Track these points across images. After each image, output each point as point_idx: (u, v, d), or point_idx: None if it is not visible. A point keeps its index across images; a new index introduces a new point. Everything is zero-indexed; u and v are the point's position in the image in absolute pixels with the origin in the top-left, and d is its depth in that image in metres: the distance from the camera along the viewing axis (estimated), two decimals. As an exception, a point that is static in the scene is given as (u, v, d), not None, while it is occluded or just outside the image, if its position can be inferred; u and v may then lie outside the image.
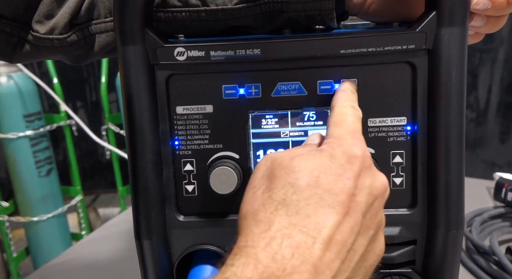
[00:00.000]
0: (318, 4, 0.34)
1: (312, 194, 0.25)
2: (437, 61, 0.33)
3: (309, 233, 0.24)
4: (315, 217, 0.25)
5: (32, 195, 1.65)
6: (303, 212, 0.25)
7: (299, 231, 0.24)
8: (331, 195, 0.25)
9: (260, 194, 0.27)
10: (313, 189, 0.26)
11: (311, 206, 0.25)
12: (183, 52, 0.34)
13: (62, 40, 0.38)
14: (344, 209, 0.25)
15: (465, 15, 0.32)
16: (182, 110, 0.36)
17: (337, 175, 0.26)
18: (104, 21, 0.39)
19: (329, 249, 0.24)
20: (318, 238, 0.24)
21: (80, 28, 0.38)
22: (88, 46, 0.39)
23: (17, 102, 1.55)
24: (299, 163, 0.27)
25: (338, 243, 0.24)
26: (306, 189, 0.26)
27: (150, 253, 0.36)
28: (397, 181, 0.36)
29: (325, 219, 0.25)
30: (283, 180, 0.26)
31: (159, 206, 0.36)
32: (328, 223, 0.24)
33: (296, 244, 0.24)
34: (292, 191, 0.26)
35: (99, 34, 0.39)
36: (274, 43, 0.34)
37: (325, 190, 0.26)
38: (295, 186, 0.26)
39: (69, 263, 0.75)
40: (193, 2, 0.35)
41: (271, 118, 0.36)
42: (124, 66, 0.34)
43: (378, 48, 0.33)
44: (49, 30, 0.38)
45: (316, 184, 0.26)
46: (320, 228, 0.24)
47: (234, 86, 0.35)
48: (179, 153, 0.37)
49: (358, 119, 0.31)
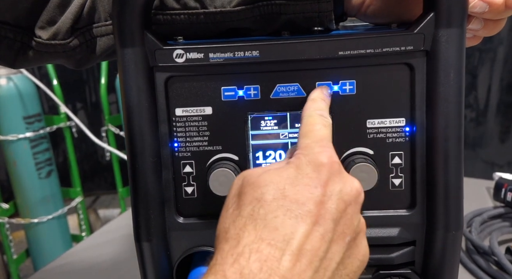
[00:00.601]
0: (317, 6, 0.34)
1: (279, 206, 0.25)
2: (435, 63, 0.33)
3: (277, 245, 0.24)
4: (283, 228, 0.24)
5: (32, 197, 1.65)
6: (271, 225, 0.25)
7: (267, 245, 0.24)
8: (298, 205, 0.25)
9: (231, 212, 0.27)
10: (279, 201, 0.25)
11: (279, 218, 0.25)
12: (182, 54, 0.34)
13: (65, 45, 0.38)
14: (312, 218, 0.25)
15: (463, 17, 0.32)
16: (181, 112, 0.36)
17: (304, 185, 0.26)
18: (105, 24, 0.39)
19: (299, 259, 0.24)
20: (286, 249, 0.24)
21: (82, 32, 0.39)
22: (90, 49, 0.40)
23: (17, 104, 1.55)
24: (264, 178, 0.27)
25: (308, 253, 0.24)
26: (272, 202, 0.25)
27: (150, 255, 0.37)
28: (396, 182, 0.36)
29: (293, 230, 0.24)
30: (250, 195, 0.26)
31: (159, 208, 0.36)
32: (296, 234, 0.24)
33: (264, 257, 0.23)
34: (259, 206, 0.26)
35: (100, 38, 0.39)
36: (272, 45, 0.34)
37: (292, 201, 0.25)
38: (261, 200, 0.26)
39: (69, 265, 0.75)
40: (192, 4, 0.36)
41: (270, 120, 0.36)
42: (123, 68, 0.34)
43: (376, 50, 0.33)
44: (51, 35, 0.38)
45: (282, 196, 0.26)
46: (288, 240, 0.24)
47: (233, 88, 0.35)
48: (179, 155, 0.37)
49: (325, 126, 0.30)
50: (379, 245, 0.37)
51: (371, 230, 0.37)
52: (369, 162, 0.34)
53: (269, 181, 0.27)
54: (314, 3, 0.34)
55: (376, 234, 0.36)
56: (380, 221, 0.37)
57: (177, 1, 0.36)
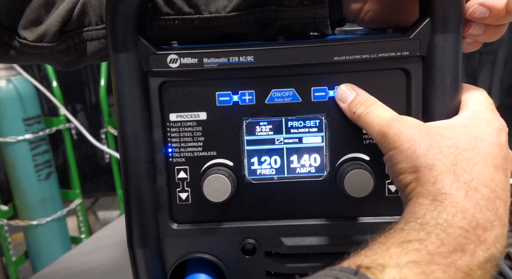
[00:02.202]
0: (312, 12, 0.34)
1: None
2: (432, 68, 0.33)
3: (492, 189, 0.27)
4: (487, 174, 0.27)
5: (31, 199, 1.65)
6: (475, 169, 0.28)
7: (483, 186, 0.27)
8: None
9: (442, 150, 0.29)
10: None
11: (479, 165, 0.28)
12: (176, 60, 0.34)
13: (52, 48, 0.38)
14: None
15: (459, 22, 0.32)
16: (176, 117, 0.36)
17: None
18: (96, 28, 0.38)
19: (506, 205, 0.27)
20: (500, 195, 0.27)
21: (70, 35, 0.38)
22: (79, 52, 0.39)
23: (16, 106, 1.55)
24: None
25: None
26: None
27: (144, 261, 0.36)
28: (392, 189, 0.36)
29: (496, 177, 0.28)
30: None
31: (153, 214, 0.36)
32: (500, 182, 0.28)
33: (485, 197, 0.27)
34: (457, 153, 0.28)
35: (90, 41, 0.39)
36: (267, 50, 0.34)
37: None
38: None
39: (68, 268, 0.75)
40: (186, 10, 0.35)
41: (265, 125, 0.36)
42: (116, 73, 0.34)
43: (372, 55, 0.33)
44: (38, 37, 0.37)
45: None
46: (496, 185, 0.27)
47: (227, 93, 0.35)
48: (173, 161, 0.36)
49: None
50: (375, 252, 0.36)
51: (368, 237, 0.36)
52: (364, 168, 0.34)
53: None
54: (310, 9, 0.34)
55: (372, 240, 0.36)
56: (376, 228, 0.36)
57: (171, 7, 0.35)
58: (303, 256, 0.37)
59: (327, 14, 0.34)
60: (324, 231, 0.36)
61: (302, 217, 0.37)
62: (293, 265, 0.37)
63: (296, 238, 0.36)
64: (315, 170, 0.36)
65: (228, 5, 0.35)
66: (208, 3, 0.35)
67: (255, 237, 0.37)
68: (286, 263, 0.37)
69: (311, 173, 0.36)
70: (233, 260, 0.37)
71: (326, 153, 0.36)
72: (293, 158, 0.36)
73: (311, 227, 0.36)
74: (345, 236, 0.36)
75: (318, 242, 0.36)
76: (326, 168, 0.36)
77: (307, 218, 0.37)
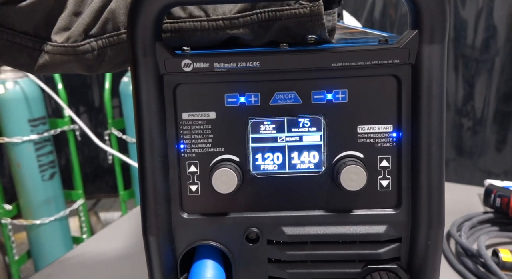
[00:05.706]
0: (308, 9, 0.37)
1: None
2: (419, 75, 0.36)
3: None
4: None
5: (35, 198, 1.67)
6: None
7: None
8: None
9: None
10: None
11: None
12: (189, 64, 0.37)
13: (76, 48, 0.42)
14: None
15: (443, 34, 0.35)
16: (188, 116, 0.39)
17: None
18: (117, 34, 0.42)
19: None
20: None
21: (95, 40, 0.42)
22: (100, 58, 0.43)
23: (22, 107, 1.58)
24: None
25: None
26: None
27: (156, 248, 0.39)
28: (384, 183, 0.39)
29: None
30: None
31: (165, 204, 0.39)
32: None
33: None
34: None
35: (111, 47, 0.42)
36: (272, 56, 0.37)
37: None
38: None
39: (69, 267, 0.76)
40: (196, 13, 0.39)
41: (269, 125, 0.39)
42: (135, 76, 0.37)
43: (366, 62, 0.37)
44: (65, 39, 0.42)
45: None
46: None
47: (235, 95, 0.39)
48: (184, 155, 0.40)
49: None
50: (368, 242, 0.40)
51: (360, 228, 0.40)
52: (359, 164, 0.38)
53: None
54: (306, 8, 0.37)
55: (365, 231, 0.39)
56: (369, 219, 0.40)
57: (183, 11, 0.40)
58: (302, 244, 0.40)
59: (322, 11, 0.37)
60: (322, 221, 0.40)
61: (302, 209, 0.40)
62: (293, 253, 0.40)
63: (296, 228, 0.40)
64: (314, 166, 0.40)
65: (233, 9, 0.39)
66: (215, 8, 0.39)
67: (258, 227, 0.40)
68: (286, 251, 0.40)
69: (310, 168, 0.40)
70: (238, 248, 0.40)
71: (324, 150, 0.39)
72: (293, 154, 0.40)
73: (310, 218, 0.40)
74: (340, 226, 0.40)
75: (316, 231, 0.40)
76: (323, 164, 0.39)
77: (306, 209, 0.40)
